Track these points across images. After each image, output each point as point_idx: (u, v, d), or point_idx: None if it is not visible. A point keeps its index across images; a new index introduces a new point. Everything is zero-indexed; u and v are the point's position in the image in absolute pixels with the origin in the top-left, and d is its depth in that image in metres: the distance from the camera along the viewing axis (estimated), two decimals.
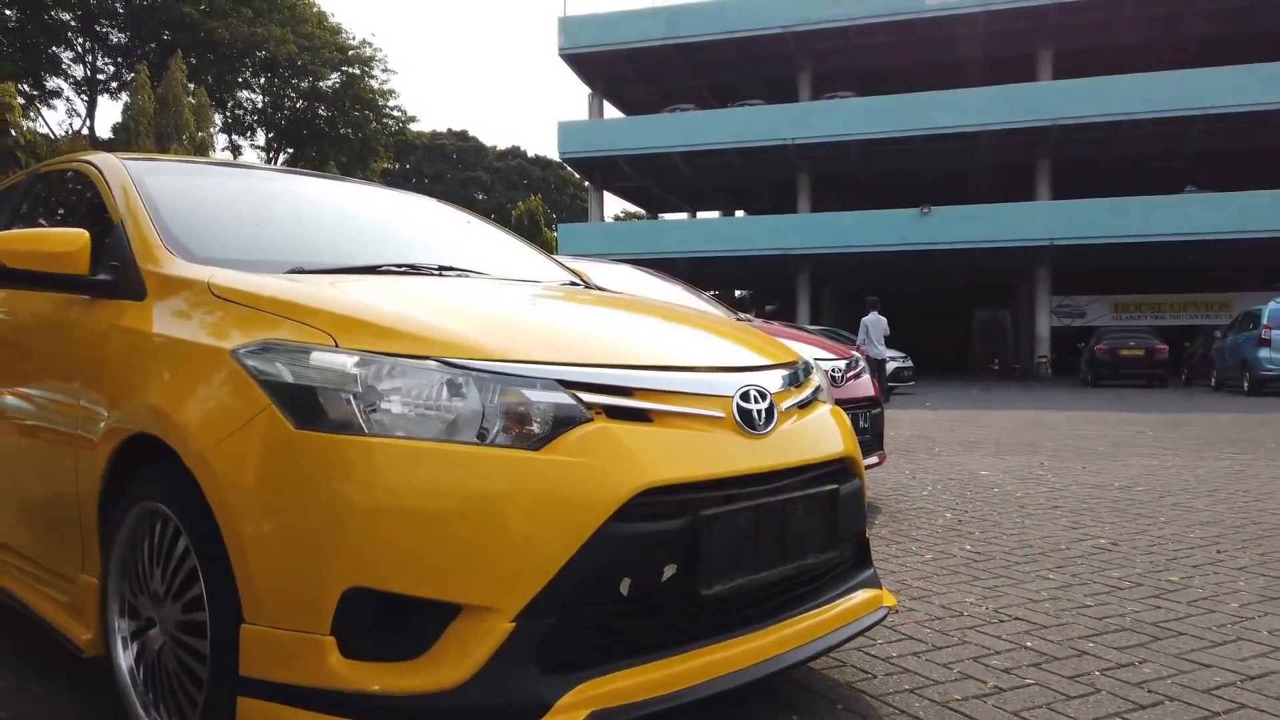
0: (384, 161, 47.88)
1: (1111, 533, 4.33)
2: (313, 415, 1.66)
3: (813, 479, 2.06)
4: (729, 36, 30.98)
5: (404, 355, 1.72)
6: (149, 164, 2.70)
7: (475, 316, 1.99)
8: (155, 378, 1.93)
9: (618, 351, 1.94)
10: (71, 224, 2.81)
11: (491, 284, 2.52)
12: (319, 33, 39.71)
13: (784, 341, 5.02)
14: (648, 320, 2.41)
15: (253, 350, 1.78)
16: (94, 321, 2.20)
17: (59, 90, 37.56)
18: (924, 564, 3.73)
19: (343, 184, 3.26)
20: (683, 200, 42.26)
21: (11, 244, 2.22)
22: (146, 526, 1.94)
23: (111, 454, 1.99)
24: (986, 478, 6.18)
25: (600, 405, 1.77)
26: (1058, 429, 10.09)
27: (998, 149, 30.25)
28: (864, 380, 5.15)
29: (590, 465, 1.68)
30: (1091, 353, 22.74)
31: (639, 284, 6.16)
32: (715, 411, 1.90)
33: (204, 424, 1.76)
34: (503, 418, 1.70)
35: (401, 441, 1.63)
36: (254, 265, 2.21)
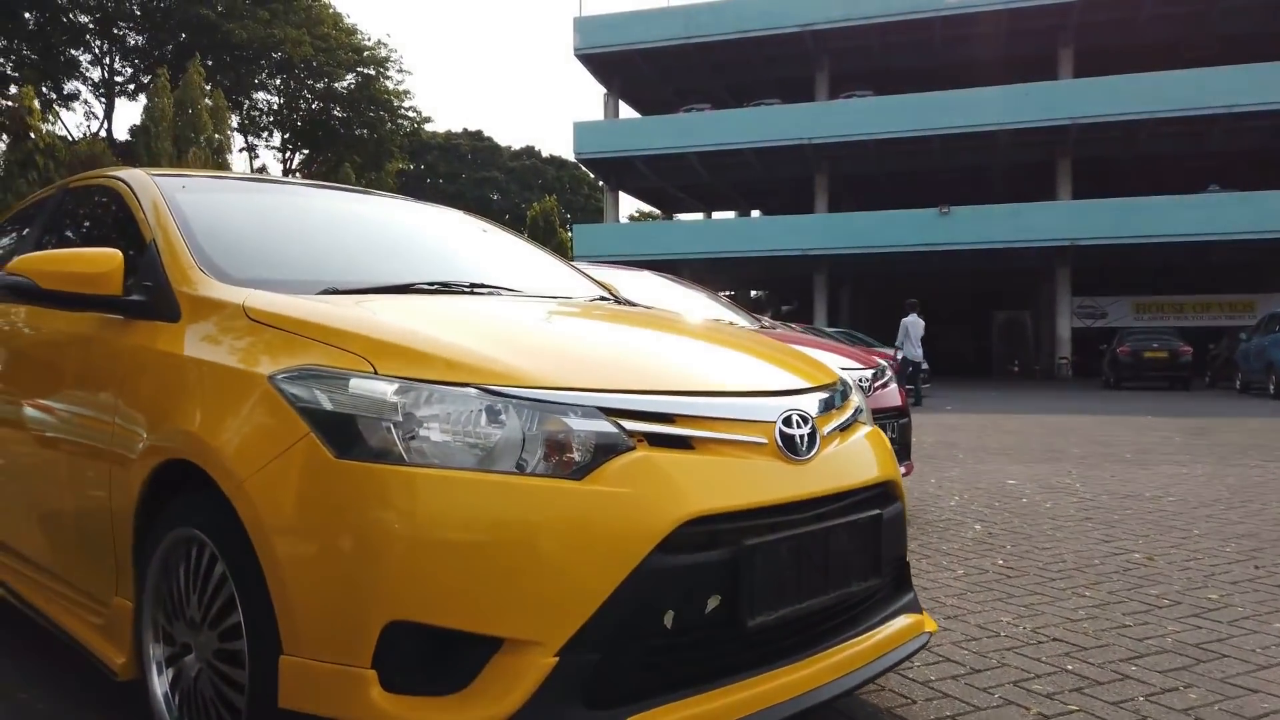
0: (399, 162, 48.01)
1: (1145, 547, 4.26)
2: (352, 444, 1.63)
3: (855, 504, 2.02)
4: (746, 35, 30.90)
5: (443, 382, 1.69)
6: (179, 180, 2.69)
7: (513, 340, 1.96)
8: (191, 402, 1.91)
9: (658, 376, 1.91)
10: (101, 241, 2.81)
11: (524, 302, 2.49)
12: (334, 34, 39.87)
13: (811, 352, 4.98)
14: (686, 340, 2.38)
15: (290, 376, 1.75)
16: (128, 342, 2.18)
17: (77, 93, 37.88)
18: (956, 580, 3.67)
19: (370, 197, 3.24)
20: (699, 200, 42.19)
21: (45, 265, 2.21)
22: (182, 551, 1.92)
23: (146, 479, 1.97)
24: (1014, 487, 6.11)
25: (642, 433, 1.73)
26: (1083, 434, 9.99)
27: (1018, 148, 30.05)
28: (891, 390, 5.09)
29: (633, 496, 1.65)
30: (1114, 354, 22.53)
31: (661, 290, 6.13)
32: (757, 437, 1.86)
33: (242, 451, 1.74)
34: (544, 446, 1.67)
35: (442, 472, 1.61)
36: (287, 285, 2.19)
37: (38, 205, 3.25)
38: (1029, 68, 29.57)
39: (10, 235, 3.41)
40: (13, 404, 2.58)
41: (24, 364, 2.59)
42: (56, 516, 2.37)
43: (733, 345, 2.39)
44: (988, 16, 28.80)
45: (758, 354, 2.32)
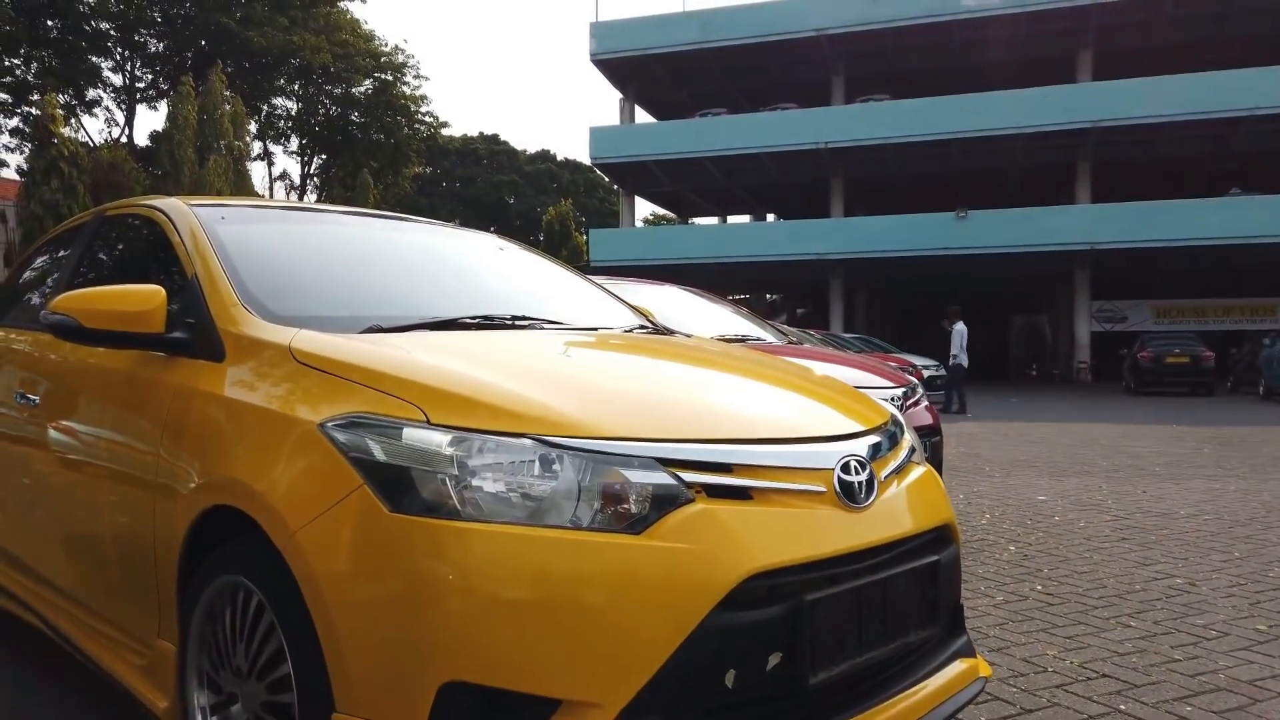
0: (416, 166, 48.13)
1: (1186, 571, 4.19)
2: (407, 497, 1.60)
3: (913, 551, 1.97)
4: (762, 40, 30.85)
5: (498, 432, 1.66)
6: (217, 210, 2.66)
7: (565, 383, 1.92)
8: (238, 447, 1.88)
9: (715, 423, 1.87)
10: (140, 272, 2.79)
11: (568, 336, 2.45)
12: (352, 40, 39.99)
13: (842, 371, 4.92)
14: (737, 379, 2.33)
15: (342, 424, 1.72)
16: (171, 381, 2.16)
17: (99, 99, 38.13)
18: (996, 608, 3.61)
19: (406, 224, 3.21)
20: (714, 204, 42.14)
21: (87, 303, 2.19)
22: (228, 598, 1.89)
23: (192, 523, 1.94)
24: (1045, 504, 6.04)
25: (701, 484, 1.69)
26: (1109, 445, 9.88)
27: (1036, 151, 29.85)
28: (922, 408, 5.03)
29: (694, 551, 1.61)
30: (1135, 360, 22.32)
31: (687, 306, 6.10)
32: (816, 486, 1.81)
33: (293, 502, 1.70)
34: (601, 499, 1.63)
35: (499, 528, 1.57)
36: (331, 323, 2.16)
37: (74, 232, 3.24)
38: (1047, 70, 29.38)
39: (47, 261, 3.41)
40: (56, 439, 2.56)
41: (67, 400, 2.57)
42: (100, 555, 2.35)
43: (785, 383, 2.34)
44: (1005, 19, 28.64)
45: (811, 393, 2.27)
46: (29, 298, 3.36)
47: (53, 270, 3.27)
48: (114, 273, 2.95)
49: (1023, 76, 29.26)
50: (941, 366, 19.36)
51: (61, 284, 3.04)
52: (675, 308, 6.00)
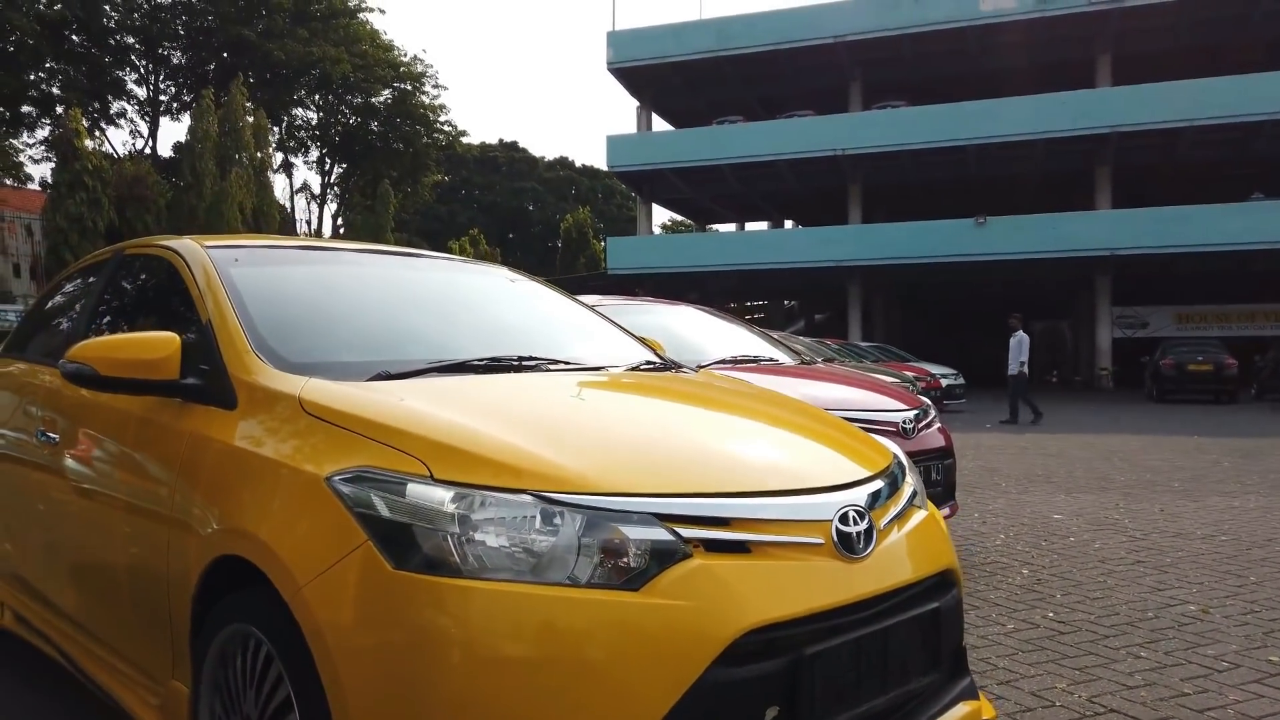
0: (435, 175, 48.47)
1: (1200, 597, 4.16)
2: (409, 554, 1.64)
3: (913, 599, 1.98)
4: (778, 48, 30.84)
5: (499, 489, 1.69)
6: (231, 253, 2.71)
7: (567, 434, 1.95)
8: (248, 499, 1.93)
9: (713, 476, 1.89)
10: (156, 313, 2.85)
11: (573, 378, 2.48)
12: (372, 51, 40.37)
13: (856, 393, 4.93)
14: (739, 426, 2.35)
15: (347, 478, 1.76)
16: (185, 428, 2.21)
17: (123, 111, 38.65)
18: (1006, 636, 3.61)
19: (419, 260, 3.25)
20: (731, 211, 42.13)
21: (104, 351, 2.24)
22: (239, 644, 1.93)
23: (204, 571, 1.98)
24: (1060, 523, 6.01)
25: (698, 539, 1.72)
26: (1128, 458, 9.80)
27: (1055, 157, 29.68)
28: (935, 430, 5.03)
29: (691, 608, 1.64)
30: (1157, 367, 22.12)
31: (701, 327, 6.12)
32: (814, 538, 1.83)
33: (300, 557, 1.74)
34: (600, 554, 1.66)
35: (500, 586, 1.60)
36: (341, 369, 2.21)
37: (96, 268, 3.30)
38: (1066, 75, 29.19)
39: (70, 296, 3.47)
40: (76, 480, 2.62)
41: (86, 441, 2.62)
42: (117, 596, 2.40)
43: (787, 427, 2.37)
44: (1023, 25, 28.50)
45: (812, 438, 2.29)
46: (52, 331, 3.43)
47: (75, 305, 3.34)
48: (132, 312, 3.01)
49: (1041, 82, 29.09)
50: (959, 374, 19.31)
51: (82, 321, 3.11)
52: (690, 328, 6.04)
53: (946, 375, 18.46)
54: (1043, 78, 29.63)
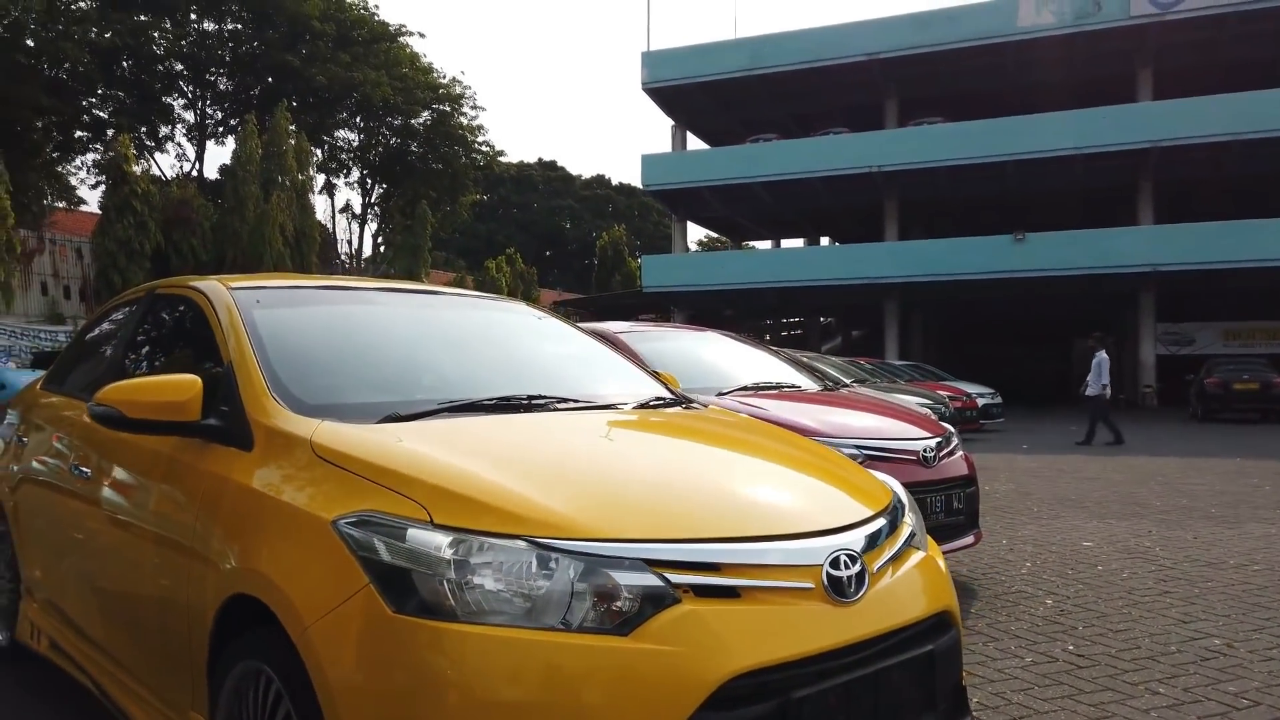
0: (473, 194, 49.00)
1: (1226, 630, 4.10)
2: (408, 598, 1.71)
3: (907, 641, 2.01)
4: (811, 66, 30.86)
5: (495, 534, 1.76)
6: (254, 293, 2.82)
7: (565, 479, 2.02)
8: (261, 540, 2.01)
9: (705, 521, 1.94)
10: (182, 352, 2.97)
11: (579, 418, 2.55)
12: (411, 73, 40.98)
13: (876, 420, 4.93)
14: (736, 467, 2.40)
15: (352, 522, 1.84)
16: (206, 468, 2.30)
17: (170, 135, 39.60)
18: (1023, 669, 3.60)
19: (437, 298, 3.34)
20: (767, 228, 42.11)
21: (130, 394, 2.35)
22: (252, 680, 2.01)
23: (219, 608, 2.07)
24: (1090, 551, 5.94)
25: (688, 584, 1.77)
26: (1166, 482, 9.64)
27: (1096, 172, 29.30)
28: (957, 458, 5.01)
29: (679, 653, 1.69)
30: (1201, 386, 21.67)
31: (724, 353, 6.16)
32: (804, 583, 1.87)
33: (307, 598, 1.82)
34: (592, 598, 1.72)
35: (493, 631, 1.66)
36: (353, 411, 2.29)
37: (131, 305, 3.44)
38: (1105, 90, 28.87)
39: (107, 331, 3.61)
40: (107, 515, 2.73)
41: (115, 479, 2.73)
42: (142, 628, 2.50)
43: (785, 469, 2.41)
44: (1061, 40, 28.26)
45: (810, 480, 2.33)
46: (89, 366, 3.57)
47: (110, 341, 3.48)
48: (162, 351, 3.13)
49: (1079, 96, 28.80)
50: (996, 394, 19.08)
51: (116, 358, 3.24)
52: (713, 354, 6.09)
53: (983, 394, 18.23)
54: (1082, 92, 29.33)
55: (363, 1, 39.66)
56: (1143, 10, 27.12)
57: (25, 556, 3.47)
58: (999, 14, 28.81)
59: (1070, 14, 28.01)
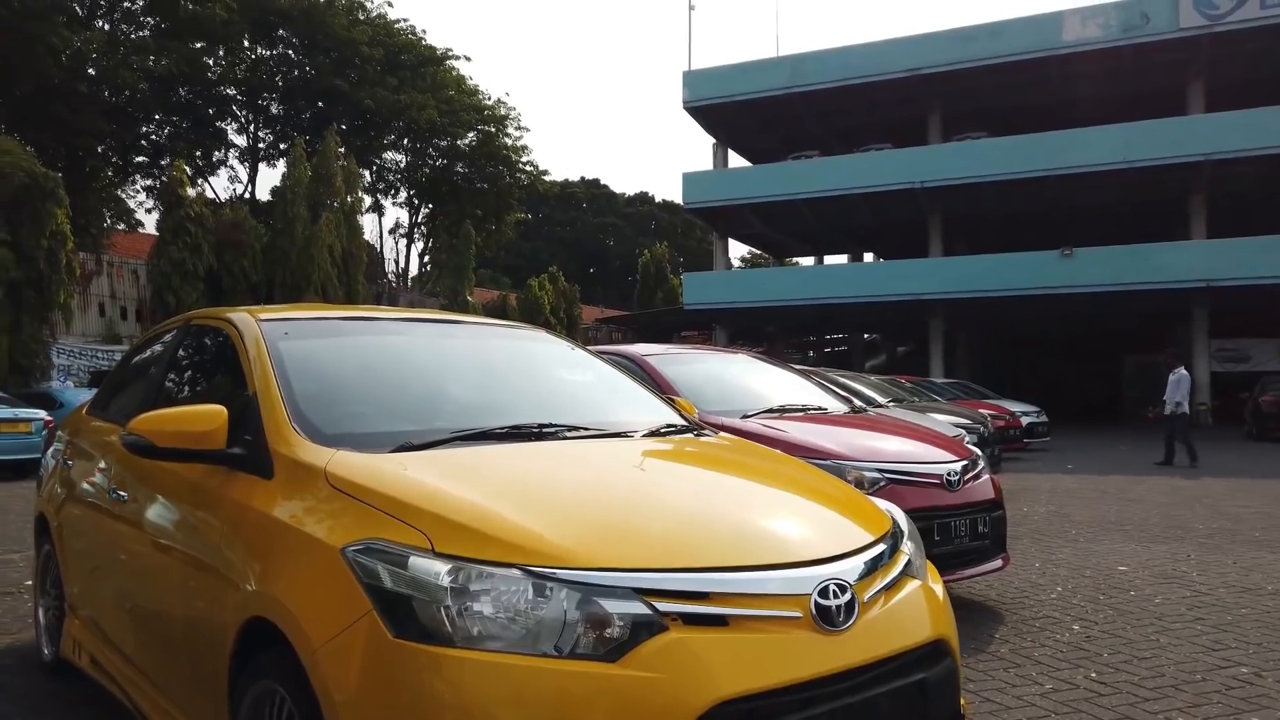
0: (517, 213, 49.62)
1: (1256, 659, 4.04)
2: (408, 624, 1.79)
3: (897, 670, 2.04)
4: (852, 83, 30.79)
5: (493, 563, 1.84)
6: (281, 325, 2.94)
7: (562, 508, 2.09)
8: (277, 566, 2.11)
9: (696, 550, 1.99)
10: (213, 380, 3.10)
11: (585, 446, 2.62)
12: (457, 95, 41.72)
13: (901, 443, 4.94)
14: (733, 496, 2.44)
15: (359, 550, 1.93)
16: (229, 494, 2.41)
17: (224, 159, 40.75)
18: (1042, 697, 3.58)
19: (459, 328, 3.45)
20: (808, 245, 41.96)
21: (159, 425, 2.47)
22: (267, 699, 2.10)
23: (238, 631, 2.17)
24: (1124, 576, 5.86)
25: (677, 613, 1.83)
26: (1212, 505, 9.44)
27: (1145, 186, 28.76)
28: (984, 482, 4.99)
29: (665, 680, 1.74)
30: (1256, 404, 21.13)
31: (752, 374, 6.21)
32: (792, 612, 1.92)
33: (315, 622, 1.91)
34: (583, 625, 1.78)
35: (489, 656, 1.74)
36: (369, 440, 2.39)
37: (167, 334, 3.60)
38: (1155, 103, 28.40)
39: (146, 359, 3.77)
40: (139, 537, 2.86)
41: (148, 503, 2.87)
42: (171, 648, 2.62)
43: (780, 498, 2.46)
44: (1108, 53, 27.87)
45: (804, 509, 2.38)
46: (128, 393, 3.73)
47: (149, 369, 3.63)
48: (196, 378, 3.27)
49: (1126, 109, 28.36)
50: (1041, 412, 18.79)
51: (155, 385, 3.39)
52: (741, 376, 6.14)
53: (1028, 413, 17.98)
54: (1129, 105, 28.88)
55: (410, 26, 40.52)
56: (1192, 22, 26.68)
57: (68, 574, 3.64)
58: (1043, 28, 28.54)
59: (1117, 27, 27.65)
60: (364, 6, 39.28)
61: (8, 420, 13.53)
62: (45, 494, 4.09)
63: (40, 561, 4.17)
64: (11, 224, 19.44)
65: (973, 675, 3.84)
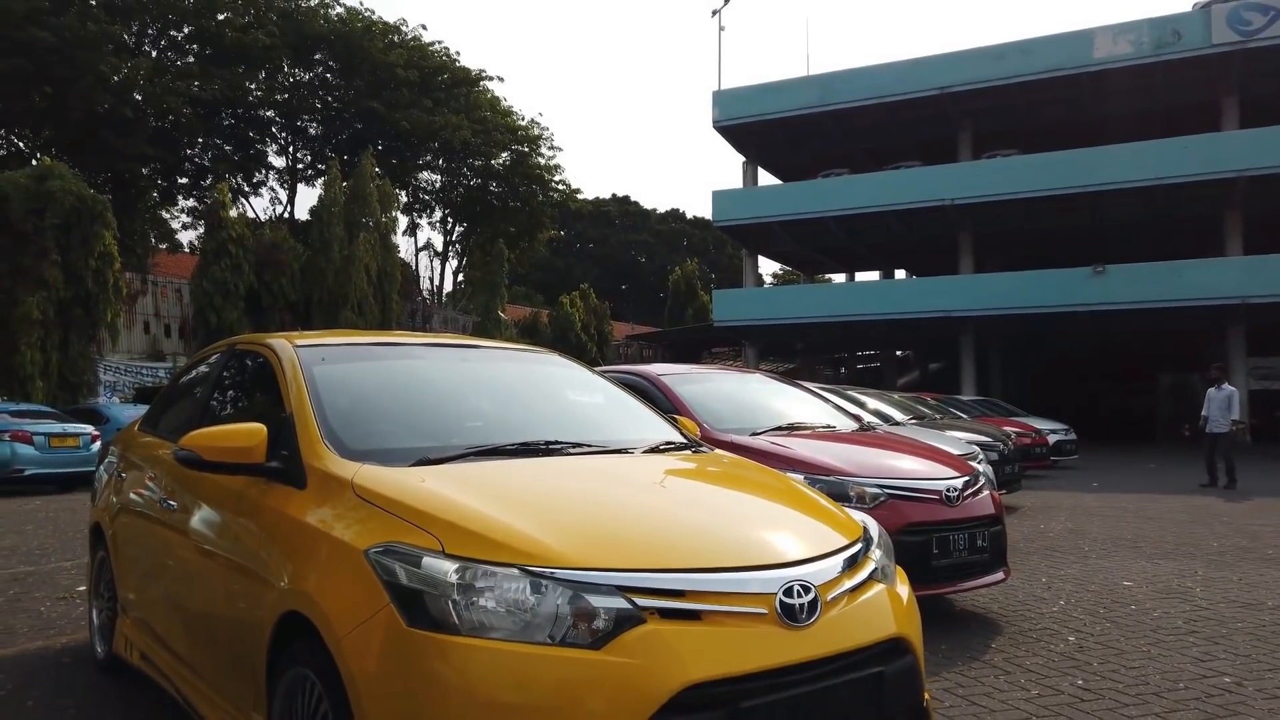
0: (549, 231, 50.24)
1: (1241, 669, 4.20)
2: (420, 615, 2.07)
3: (856, 663, 2.28)
4: (883, 101, 30.95)
5: (495, 563, 2.11)
6: (318, 351, 3.26)
7: (559, 515, 2.36)
8: (309, 565, 2.40)
9: (674, 553, 2.25)
10: (253, 400, 3.41)
11: (585, 463, 2.89)
12: (491, 116, 42.42)
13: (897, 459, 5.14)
14: (713, 505, 2.70)
15: (379, 551, 2.21)
16: (268, 503, 2.71)
17: (264, 180, 41.76)
18: (1026, 701, 3.77)
19: (476, 351, 3.75)
20: (839, 262, 42.03)
21: (206, 441, 2.78)
22: (300, 685, 2.39)
23: (275, 623, 2.46)
24: (1128, 591, 6.00)
25: (654, 608, 2.09)
26: (1231, 523, 9.49)
27: (1178, 203, 28.59)
28: (983, 498, 5.18)
29: (641, 665, 2.01)
30: None
31: (762, 393, 6.45)
32: (758, 609, 2.17)
33: (341, 614, 2.19)
34: (572, 618, 2.05)
35: (491, 644, 2.01)
36: (391, 455, 2.69)
37: (213, 357, 3.94)
38: (1188, 119, 28.26)
39: (192, 381, 4.11)
40: (187, 541, 3.17)
41: (196, 511, 3.18)
42: (215, 641, 2.93)
43: (757, 507, 2.72)
44: (1140, 70, 27.81)
45: (781, 515, 2.64)
46: (177, 411, 4.07)
47: (195, 389, 3.97)
48: (238, 398, 3.59)
49: (1159, 126, 28.25)
50: (1070, 430, 18.76)
51: (200, 404, 3.72)
52: (751, 395, 6.38)
53: (1055, 430, 17.97)
54: (1161, 122, 28.77)
55: (445, 49, 41.32)
56: (1225, 38, 26.55)
57: (121, 578, 3.97)
58: (1074, 45, 28.54)
59: (1149, 44, 27.59)
60: (400, 30, 40.16)
61: (57, 435, 14.08)
62: (100, 504, 4.43)
63: (95, 567, 4.51)
64: (61, 245, 20.19)
65: (963, 681, 4.05)
